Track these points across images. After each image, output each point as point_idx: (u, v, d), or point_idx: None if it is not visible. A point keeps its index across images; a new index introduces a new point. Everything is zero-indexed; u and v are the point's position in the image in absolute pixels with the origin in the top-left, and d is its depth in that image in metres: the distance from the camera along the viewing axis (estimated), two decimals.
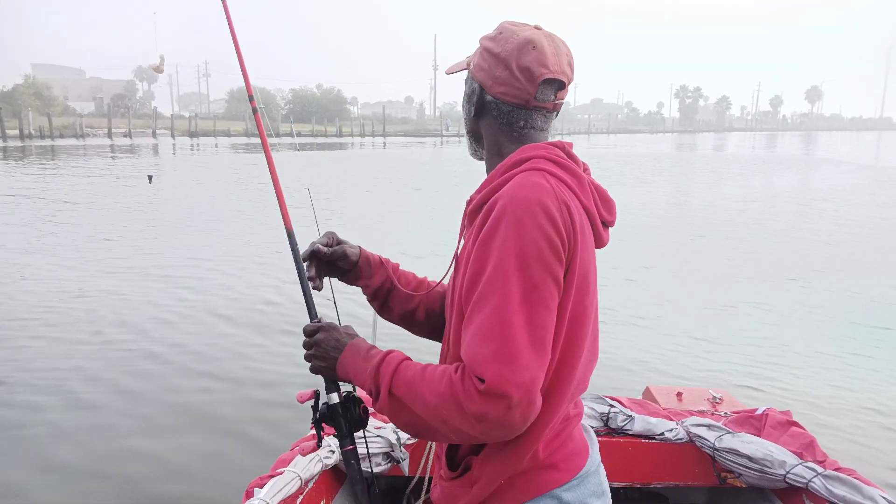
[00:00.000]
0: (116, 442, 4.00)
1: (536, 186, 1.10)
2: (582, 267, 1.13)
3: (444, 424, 1.09)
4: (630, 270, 8.56)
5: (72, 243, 10.36)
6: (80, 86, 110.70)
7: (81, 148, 40.40)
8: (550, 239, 1.06)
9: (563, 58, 1.23)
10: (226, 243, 10.57)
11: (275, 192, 1.56)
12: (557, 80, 1.22)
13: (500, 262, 1.05)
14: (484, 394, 1.01)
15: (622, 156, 41.51)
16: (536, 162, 1.16)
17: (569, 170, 1.18)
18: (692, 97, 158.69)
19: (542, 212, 1.06)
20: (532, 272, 1.04)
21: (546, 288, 1.06)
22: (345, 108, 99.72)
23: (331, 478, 2.12)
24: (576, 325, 1.15)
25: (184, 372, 5.11)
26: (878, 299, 7.70)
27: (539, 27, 1.25)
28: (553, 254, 1.06)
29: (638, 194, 18.79)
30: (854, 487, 1.89)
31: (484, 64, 1.24)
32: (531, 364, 1.03)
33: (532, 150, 1.19)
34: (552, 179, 1.13)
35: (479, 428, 1.04)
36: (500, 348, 1.01)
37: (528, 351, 1.02)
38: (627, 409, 2.37)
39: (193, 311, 6.68)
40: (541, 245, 1.05)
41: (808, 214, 15.46)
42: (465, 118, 1.33)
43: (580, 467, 1.23)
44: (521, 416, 1.03)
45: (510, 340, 1.02)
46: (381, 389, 1.15)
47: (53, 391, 4.67)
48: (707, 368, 5.40)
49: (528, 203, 1.07)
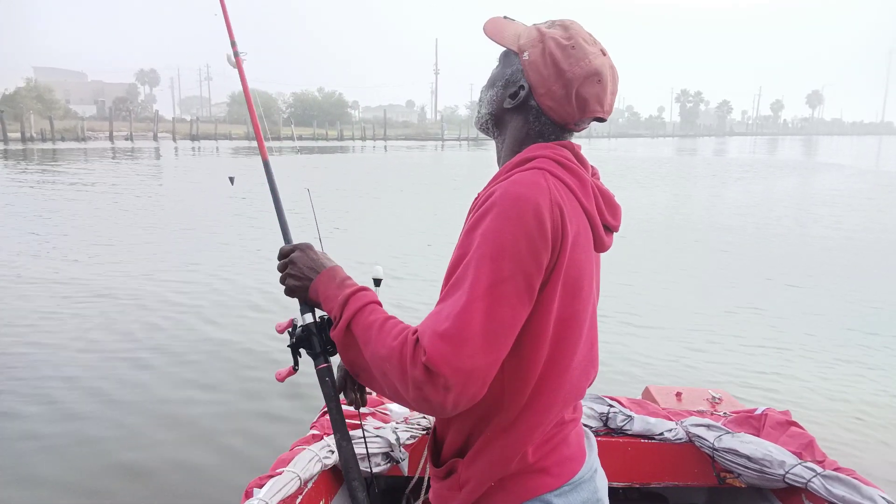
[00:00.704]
0: (116, 441, 4.00)
1: (531, 184, 1.09)
2: (573, 270, 1.12)
3: (384, 377, 1.10)
4: (630, 272, 8.57)
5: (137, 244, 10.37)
6: (82, 89, 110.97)
7: (105, 151, 40.40)
8: (531, 237, 1.05)
9: (615, 95, 1.23)
10: (224, 247, 10.57)
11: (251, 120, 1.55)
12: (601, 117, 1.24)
13: (478, 250, 1.05)
14: (424, 367, 1.01)
15: (622, 159, 41.54)
16: (540, 161, 1.15)
17: (572, 171, 1.18)
18: (693, 101, 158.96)
19: (529, 209, 1.06)
20: (504, 265, 1.03)
21: (514, 284, 1.04)
22: (346, 111, 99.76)
23: (330, 478, 2.12)
24: (565, 327, 1.14)
25: (184, 372, 5.11)
26: (877, 301, 7.70)
27: (605, 51, 1.22)
28: (531, 252, 1.05)
29: (638, 197, 18.80)
30: (853, 487, 1.89)
31: (544, 70, 1.18)
32: (476, 354, 1.01)
33: (539, 150, 1.18)
34: (552, 179, 1.12)
35: (413, 394, 1.04)
36: (451, 330, 1.01)
37: (477, 341, 1.01)
38: (627, 409, 2.37)
39: (193, 309, 6.69)
40: (520, 241, 1.04)
41: (808, 218, 15.46)
42: (493, 99, 1.27)
43: (573, 473, 1.22)
44: (454, 403, 1.03)
45: (463, 326, 1.01)
46: (342, 320, 1.16)
47: (59, 390, 4.68)
48: (706, 369, 5.41)
49: (518, 199, 1.07)
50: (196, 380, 4.99)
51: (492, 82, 1.27)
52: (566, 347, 1.15)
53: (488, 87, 1.28)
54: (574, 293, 1.13)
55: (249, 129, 68.90)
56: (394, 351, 1.06)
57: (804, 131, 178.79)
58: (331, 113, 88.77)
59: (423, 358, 1.01)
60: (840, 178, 28.20)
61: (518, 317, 1.06)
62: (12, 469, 3.70)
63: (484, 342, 1.02)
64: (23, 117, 51.15)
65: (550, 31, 1.20)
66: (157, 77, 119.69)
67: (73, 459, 3.78)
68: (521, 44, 1.21)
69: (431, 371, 1.00)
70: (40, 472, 3.67)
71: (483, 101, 1.29)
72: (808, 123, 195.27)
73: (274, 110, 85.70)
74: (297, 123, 78.81)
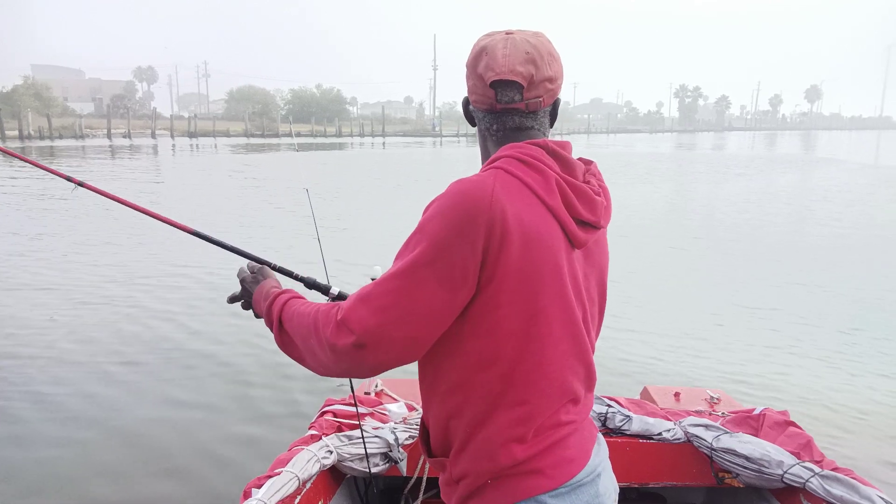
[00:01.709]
0: (115, 441, 4.01)
1: (473, 182, 1.15)
2: (527, 266, 1.14)
3: (312, 355, 1.22)
4: (627, 271, 8.56)
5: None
6: (80, 86, 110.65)
7: (103, 149, 40.29)
8: (460, 230, 1.11)
9: (517, 57, 1.21)
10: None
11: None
12: (508, 81, 1.21)
13: (412, 235, 1.16)
14: (339, 324, 1.14)
15: (623, 155, 41.50)
16: (502, 161, 1.20)
17: (535, 168, 1.19)
18: (692, 97, 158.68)
19: (462, 204, 1.12)
20: (428, 251, 1.12)
21: (434, 270, 1.11)
22: (344, 108, 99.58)
23: (328, 478, 2.13)
24: (533, 323, 1.17)
25: (183, 371, 5.11)
26: (877, 300, 7.70)
27: (511, 32, 1.26)
28: (458, 244, 1.11)
29: (635, 194, 18.79)
30: (851, 487, 1.89)
31: (467, 78, 1.30)
32: (388, 321, 1.11)
33: (505, 150, 1.23)
34: (503, 177, 1.16)
35: (333, 357, 1.16)
36: (367, 294, 1.14)
37: (390, 310, 1.12)
38: (625, 409, 2.38)
39: (192, 307, 6.69)
40: (447, 231, 1.12)
41: (807, 215, 15.46)
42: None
43: (571, 475, 1.22)
44: (372, 362, 1.15)
45: (379, 293, 1.13)
46: (274, 324, 1.30)
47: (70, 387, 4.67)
48: (705, 368, 5.41)
49: (456, 194, 1.14)
50: (192, 380, 4.99)
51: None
52: (536, 342, 1.18)
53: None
54: (534, 289, 1.16)
55: (248, 125, 68.90)
56: (310, 323, 1.20)
57: (803, 126, 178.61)
58: (329, 109, 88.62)
59: (339, 316, 1.14)
60: (838, 173, 28.20)
61: (435, 300, 1.12)
62: (17, 471, 3.71)
63: (396, 313, 1.12)
64: (20, 115, 50.99)
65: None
66: (154, 74, 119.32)
67: (69, 464, 3.77)
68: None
69: (343, 326, 1.13)
70: (37, 476, 3.68)
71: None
72: (807, 118, 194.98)
73: (272, 107, 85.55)
74: (295, 120, 78.60)
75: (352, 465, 2.14)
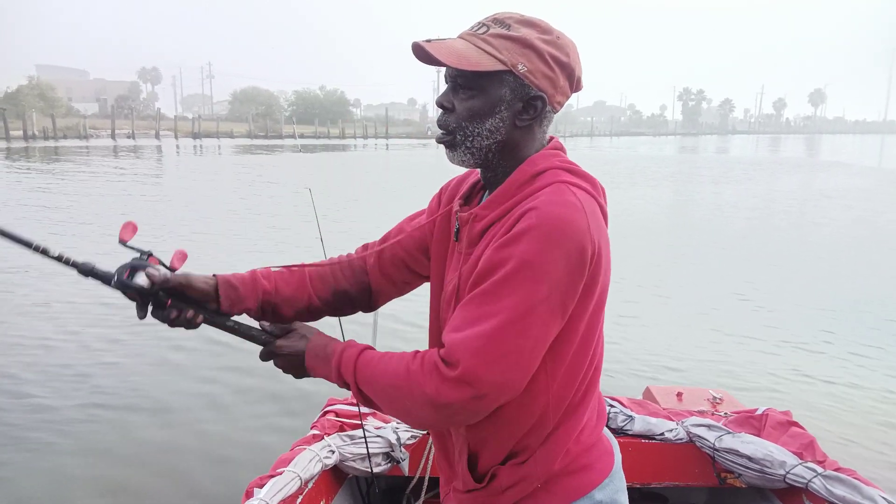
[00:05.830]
0: (115, 441, 4.01)
1: (568, 204, 1.06)
2: (604, 283, 1.13)
3: (408, 414, 1.13)
4: (630, 271, 8.55)
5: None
6: (84, 87, 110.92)
7: (107, 149, 40.37)
8: (570, 261, 1.04)
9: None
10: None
11: None
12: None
13: (517, 269, 1.03)
14: (453, 381, 1.03)
15: (628, 158, 41.47)
16: (555, 174, 1.13)
17: (581, 175, 1.16)
18: (695, 100, 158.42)
19: (570, 234, 1.04)
20: (541, 288, 1.03)
21: (549, 306, 1.04)
22: (347, 109, 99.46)
23: (330, 478, 2.13)
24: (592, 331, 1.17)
25: (183, 370, 5.12)
26: (878, 300, 7.68)
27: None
28: (568, 276, 1.04)
29: (638, 196, 18.77)
30: (854, 488, 1.89)
31: (550, 72, 1.12)
32: (510, 370, 1.04)
33: (543, 161, 1.15)
34: (579, 193, 1.10)
35: (435, 414, 1.07)
36: (487, 346, 1.03)
37: (511, 357, 1.04)
38: (627, 409, 2.38)
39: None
40: (558, 265, 1.03)
41: (813, 217, 15.43)
42: (497, 127, 1.14)
43: (611, 465, 1.26)
44: (487, 408, 1.07)
45: (498, 344, 1.03)
46: (351, 387, 1.17)
47: (70, 389, 4.69)
48: (707, 368, 5.40)
49: (560, 222, 1.04)
50: (193, 379, 4.99)
51: (484, 112, 1.14)
52: (597, 351, 1.20)
53: (481, 119, 1.14)
54: (599, 306, 1.16)
55: (252, 127, 69.01)
56: (402, 389, 1.09)
57: (807, 130, 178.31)
58: (332, 111, 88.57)
59: (452, 374, 1.03)
60: (843, 176, 28.14)
61: (550, 334, 1.07)
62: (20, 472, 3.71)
63: (516, 358, 1.04)
64: (25, 115, 51.13)
65: (522, 33, 1.11)
66: (158, 75, 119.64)
67: (69, 464, 3.77)
68: (506, 58, 1.10)
69: (463, 383, 1.03)
70: (36, 477, 3.68)
71: (477, 135, 1.15)
72: (811, 122, 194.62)
73: (276, 108, 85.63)
74: (298, 121, 78.60)
75: (354, 464, 2.14)
